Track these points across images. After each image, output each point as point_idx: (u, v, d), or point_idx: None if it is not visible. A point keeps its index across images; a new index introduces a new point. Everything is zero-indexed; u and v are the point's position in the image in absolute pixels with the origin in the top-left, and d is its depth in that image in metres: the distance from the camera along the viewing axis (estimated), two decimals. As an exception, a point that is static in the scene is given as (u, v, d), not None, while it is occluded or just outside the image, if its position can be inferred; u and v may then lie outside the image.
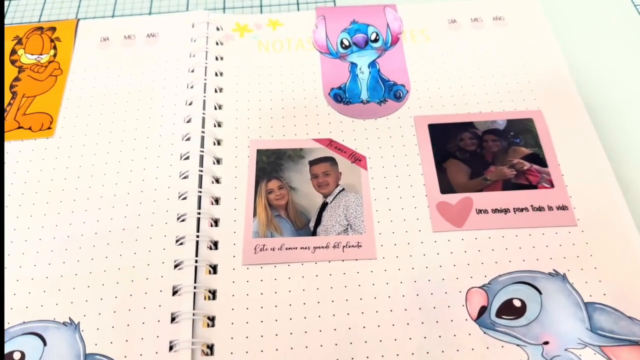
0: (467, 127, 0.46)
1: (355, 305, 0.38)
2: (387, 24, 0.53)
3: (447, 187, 0.43)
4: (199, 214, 0.42)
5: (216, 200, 0.43)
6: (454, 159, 0.45)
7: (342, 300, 0.38)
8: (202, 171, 0.44)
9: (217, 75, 0.50)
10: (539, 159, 0.44)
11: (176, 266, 0.40)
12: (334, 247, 0.40)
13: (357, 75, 0.51)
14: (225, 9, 0.57)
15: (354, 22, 0.54)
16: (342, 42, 0.53)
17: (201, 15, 0.54)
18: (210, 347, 0.37)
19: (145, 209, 0.43)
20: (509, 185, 0.43)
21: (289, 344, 0.37)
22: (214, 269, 0.40)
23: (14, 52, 0.53)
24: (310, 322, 0.37)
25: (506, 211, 0.42)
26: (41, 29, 0.55)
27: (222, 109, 0.48)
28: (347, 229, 0.41)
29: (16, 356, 0.37)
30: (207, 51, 0.52)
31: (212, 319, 0.38)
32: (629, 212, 0.41)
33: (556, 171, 0.43)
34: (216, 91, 0.49)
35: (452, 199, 0.42)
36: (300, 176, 0.44)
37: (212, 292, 0.39)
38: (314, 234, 0.41)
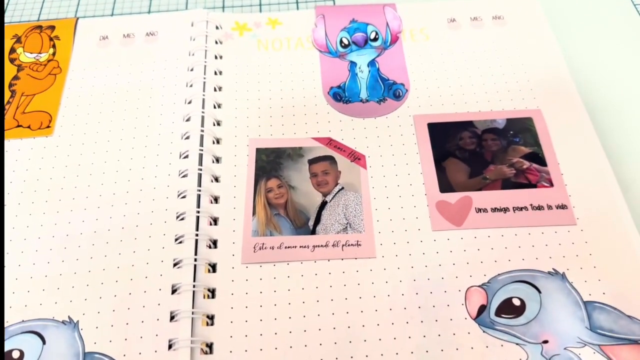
0: (467, 126, 0.46)
1: (354, 304, 0.37)
2: (387, 23, 0.53)
3: (446, 186, 0.42)
4: (198, 212, 0.41)
5: (215, 199, 0.43)
6: (454, 158, 0.44)
7: (341, 299, 0.38)
8: (201, 170, 0.43)
9: (216, 74, 0.50)
10: (538, 158, 0.44)
11: (175, 265, 0.39)
12: (333, 245, 0.40)
13: (356, 74, 0.50)
14: (224, 7, 0.57)
15: (353, 21, 0.53)
16: (341, 41, 0.52)
17: (200, 14, 0.54)
18: (209, 345, 0.36)
19: (144, 207, 0.42)
20: (508, 184, 0.42)
21: (289, 343, 0.36)
22: (212, 268, 0.40)
23: (13, 50, 0.53)
24: (309, 321, 0.37)
25: (505, 210, 0.41)
26: (40, 27, 0.54)
27: (221, 107, 0.48)
28: (346, 227, 0.41)
29: (15, 355, 0.36)
30: (206, 50, 0.51)
31: (211, 318, 0.37)
32: (628, 211, 0.41)
33: (555, 170, 0.43)
34: (215, 90, 0.49)
35: (452, 197, 0.42)
36: (299, 175, 0.44)
37: (211, 291, 0.39)
38: (313, 232, 0.41)
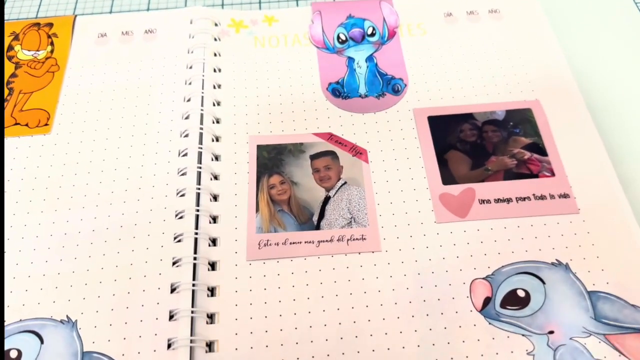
0: (467, 118, 0.45)
1: (359, 298, 0.36)
2: (384, 18, 0.52)
3: (448, 178, 0.42)
4: (198, 210, 0.40)
5: (215, 197, 0.41)
6: (455, 150, 0.43)
7: (346, 294, 0.37)
8: (200, 168, 0.42)
9: (215, 71, 0.49)
10: (538, 149, 0.43)
11: (174, 263, 0.38)
12: (338, 240, 0.39)
13: (354, 69, 0.49)
14: (224, 5, 0.56)
15: (350, 17, 0.52)
16: (338, 37, 0.51)
17: (198, 11, 0.52)
18: (209, 344, 0.35)
19: (143, 206, 0.41)
20: (510, 175, 0.42)
21: (294, 339, 0.35)
22: (212, 266, 0.38)
23: (10, 48, 0.51)
24: (315, 317, 0.36)
25: (509, 200, 0.40)
26: (38, 24, 0.53)
27: (220, 105, 0.46)
28: (350, 222, 0.40)
29: (13, 354, 0.35)
30: (204, 47, 0.50)
31: (211, 317, 0.36)
32: (628, 200, 0.40)
33: (556, 160, 0.42)
34: (214, 87, 0.47)
35: (455, 190, 0.41)
36: (301, 171, 0.42)
37: (211, 290, 0.37)
38: (318, 228, 0.40)
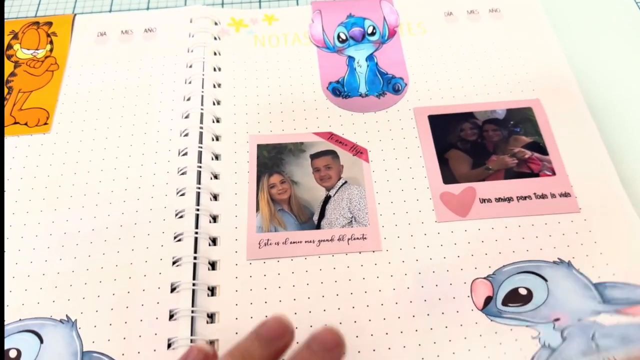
0: (467, 117, 0.44)
1: (360, 298, 0.36)
2: (384, 17, 0.51)
3: (449, 177, 0.41)
4: (198, 210, 0.39)
5: (215, 196, 0.41)
6: (456, 150, 0.42)
7: (347, 293, 0.36)
8: (200, 167, 0.41)
9: (215, 70, 0.48)
10: (539, 147, 0.42)
11: (174, 263, 0.37)
12: (339, 239, 0.38)
13: (355, 68, 0.48)
14: (223, 4, 0.55)
15: (350, 16, 0.51)
16: (338, 36, 0.50)
17: (199, 10, 0.52)
18: (210, 344, 0.34)
19: (143, 205, 0.40)
20: (510, 174, 0.41)
21: (295, 339, 0.34)
22: (212, 266, 0.38)
23: (10, 47, 0.50)
24: (315, 316, 0.35)
25: (509, 200, 0.40)
26: (37, 23, 0.52)
27: (220, 104, 0.46)
28: (351, 221, 0.39)
29: (12, 354, 0.34)
30: (204, 46, 0.49)
31: (211, 316, 0.36)
32: (629, 202, 0.39)
33: (557, 159, 0.42)
34: (214, 86, 0.47)
35: (456, 189, 0.40)
36: (301, 170, 0.42)
37: (211, 289, 0.37)
38: (318, 227, 0.39)
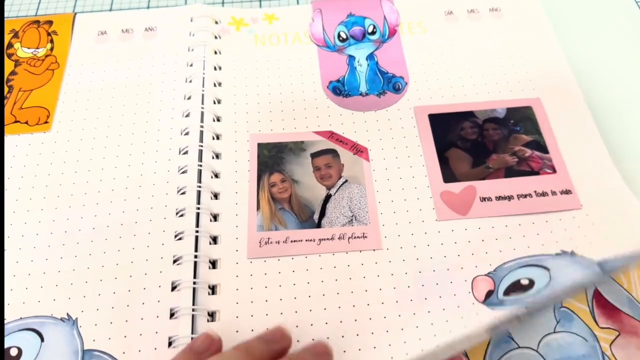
0: (467, 116, 0.44)
1: (360, 297, 0.36)
2: (384, 16, 0.51)
3: (449, 176, 0.41)
4: (198, 209, 0.39)
5: (215, 195, 0.40)
6: (456, 148, 0.42)
7: (347, 292, 0.36)
8: (201, 166, 0.41)
9: (215, 69, 0.47)
10: (539, 146, 0.42)
11: (175, 261, 0.37)
12: (339, 238, 0.38)
13: (355, 67, 0.48)
14: (224, 3, 0.54)
15: (350, 15, 0.51)
16: (339, 35, 0.50)
17: (199, 9, 0.51)
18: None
19: (143, 204, 0.40)
20: (511, 172, 0.41)
21: (295, 337, 0.34)
22: (212, 264, 0.37)
23: (10, 45, 0.50)
24: (316, 315, 0.35)
25: (510, 198, 0.39)
26: (38, 22, 0.52)
27: (220, 103, 0.45)
28: (351, 220, 0.39)
29: (13, 352, 0.34)
30: (205, 45, 0.48)
31: (212, 315, 0.35)
32: (631, 193, 0.39)
33: (557, 157, 0.41)
34: (215, 85, 0.46)
35: (456, 187, 0.40)
36: (302, 169, 0.41)
37: (211, 288, 0.36)
38: (319, 226, 0.39)
